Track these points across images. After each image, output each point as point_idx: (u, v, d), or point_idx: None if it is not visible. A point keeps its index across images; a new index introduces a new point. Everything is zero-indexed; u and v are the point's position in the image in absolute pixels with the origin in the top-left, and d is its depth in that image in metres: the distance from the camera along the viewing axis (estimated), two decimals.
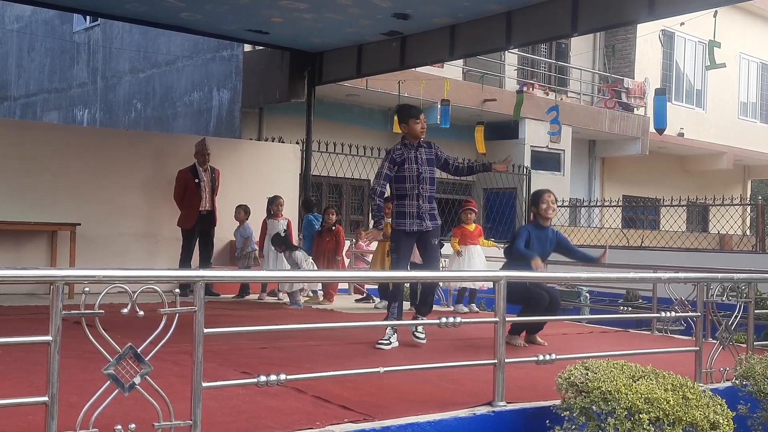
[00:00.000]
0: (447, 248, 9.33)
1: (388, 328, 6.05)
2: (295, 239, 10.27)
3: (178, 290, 3.08)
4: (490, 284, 8.25)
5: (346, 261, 10.68)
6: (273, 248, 9.41)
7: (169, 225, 10.17)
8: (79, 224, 9.62)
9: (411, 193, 6.17)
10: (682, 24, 20.40)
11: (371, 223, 6.76)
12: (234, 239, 10.61)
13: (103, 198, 10.31)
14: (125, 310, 2.91)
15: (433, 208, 6.32)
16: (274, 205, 9.95)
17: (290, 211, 11.72)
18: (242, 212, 10.36)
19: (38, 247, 9.69)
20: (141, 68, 16.63)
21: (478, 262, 8.93)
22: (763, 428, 4.56)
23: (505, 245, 6.82)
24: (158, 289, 3.02)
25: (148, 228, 10.62)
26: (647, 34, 19.38)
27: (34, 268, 3.01)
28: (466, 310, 9.04)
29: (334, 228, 9.75)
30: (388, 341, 5.98)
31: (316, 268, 9.14)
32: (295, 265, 8.92)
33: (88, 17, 17.37)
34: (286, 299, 9.36)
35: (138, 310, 2.94)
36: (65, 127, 14.82)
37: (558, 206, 16.84)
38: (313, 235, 10.05)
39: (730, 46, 19.46)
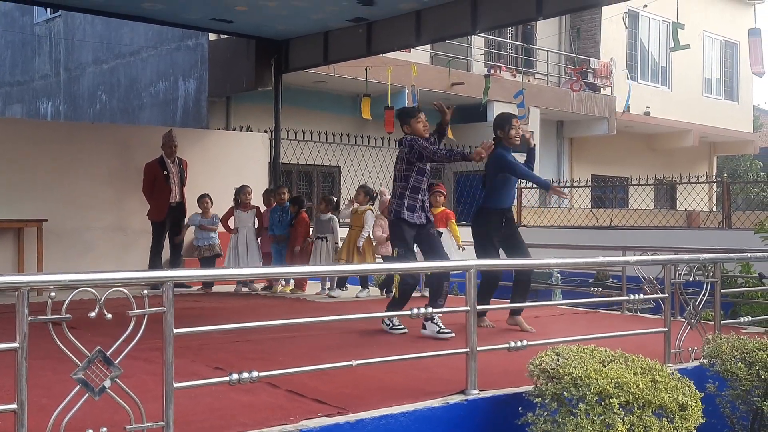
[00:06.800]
0: None
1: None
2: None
3: (146, 292, 3.05)
4: None
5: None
6: (239, 242, 9.47)
7: (139, 218, 10.04)
8: (46, 220, 9.49)
9: (423, 188, 6.37)
10: (645, 6, 20.61)
11: None
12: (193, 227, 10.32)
13: (70, 192, 10.14)
14: (93, 314, 2.88)
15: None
16: (242, 194, 9.89)
17: (257, 200, 11.64)
18: (209, 201, 10.24)
19: (4, 244, 9.53)
20: (105, 59, 16.38)
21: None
22: (731, 405, 4.65)
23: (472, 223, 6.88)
24: (126, 292, 2.99)
25: (117, 221, 10.48)
26: (612, 16, 19.49)
27: None
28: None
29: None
30: (448, 330, 6.04)
31: None
32: None
33: (48, 8, 17.03)
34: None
35: (106, 312, 2.91)
36: (29, 122, 14.59)
37: (526, 188, 16.74)
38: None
39: (693, 24, 19.61)
